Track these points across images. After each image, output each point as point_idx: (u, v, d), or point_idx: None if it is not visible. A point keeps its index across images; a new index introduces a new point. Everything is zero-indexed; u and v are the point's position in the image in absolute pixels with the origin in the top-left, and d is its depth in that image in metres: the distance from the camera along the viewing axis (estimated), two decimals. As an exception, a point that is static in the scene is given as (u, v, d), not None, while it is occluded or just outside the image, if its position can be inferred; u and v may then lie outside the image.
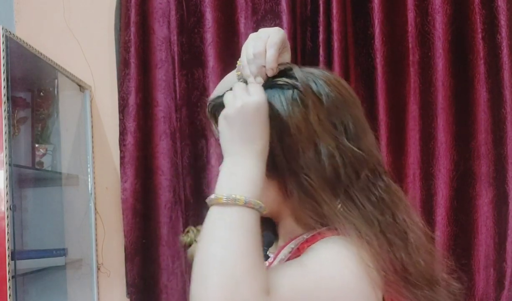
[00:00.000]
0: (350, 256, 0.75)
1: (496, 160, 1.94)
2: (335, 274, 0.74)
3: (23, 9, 2.24)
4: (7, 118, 1.59)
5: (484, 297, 1.93)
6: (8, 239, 1.54)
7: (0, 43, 1.58)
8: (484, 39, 1.94)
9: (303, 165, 0.80)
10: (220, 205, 0.73)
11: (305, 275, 0.74)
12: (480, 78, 1.95)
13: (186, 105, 2.05)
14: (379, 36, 1.96)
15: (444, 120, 1.94)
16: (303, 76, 0.83)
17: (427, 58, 1.98)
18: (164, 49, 2.12)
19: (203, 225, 0.74)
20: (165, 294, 2.09)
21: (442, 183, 1.95)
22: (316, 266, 0.75)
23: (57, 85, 2.09)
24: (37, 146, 2.04)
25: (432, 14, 1.97)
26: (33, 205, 2.07)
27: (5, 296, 1.51)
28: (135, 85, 2.08)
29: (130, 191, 2.06)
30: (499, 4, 1.91)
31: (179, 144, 2.06)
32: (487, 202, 1.95)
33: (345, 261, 0.75)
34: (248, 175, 0.76)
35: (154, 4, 2.12)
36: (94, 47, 2.21)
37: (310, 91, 0.82)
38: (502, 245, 1.92)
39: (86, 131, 2.17)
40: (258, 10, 2.04)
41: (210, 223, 0.73)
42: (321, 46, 1.96)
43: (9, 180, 1.57)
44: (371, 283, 0.75)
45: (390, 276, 0.76)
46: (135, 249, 2.06)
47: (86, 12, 2.23)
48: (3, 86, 1.58)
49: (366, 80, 1.99)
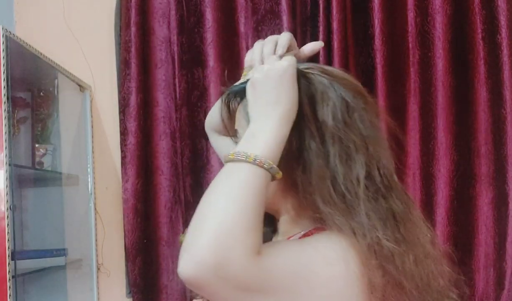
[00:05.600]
0: (346, 250, 0.74)
1: (496, 160, 1.94)
2: (328, 261, 0.74)
3: (23, 9, 2.24)
4: (7, 118, 1.59)
5: (484, 297, 1.93)
6: (8, 239, 1.54)
7: (0, 43, 1.58)
8: (484, 39, 1.94)
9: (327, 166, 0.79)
10: (231, 162, 0.74)
11: (299, 254, 0.74)
12: (480, 78, 1.95)
13: (186, 105, 2.05)
14: (379, 36, 1.96)
15: (444, 120, 1.95)
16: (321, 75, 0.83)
17: (427, 58, 1.98)
18: (164, 49, 2.12)
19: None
20: (165, 294, 2.09)
21: (442, 183, 1.95)
22: (312, 249, 0.75)
23: (57, 85, 2.09)
24: (37, 147, 2.04)
25: (432, 14, 1.97)
26: (33, 205, 2.07)
27: (5, 296, 1.51)
28: (136, 85, 2.08)
29: (131, 191, 2.06)
30: (499, 4, 1.91)
31: (179, 144, 2.06)
32: (487, 202, 1.95)
33: (341, 252, 0.74)
34: (267, 136, 0.75)
35: (154, 4, 2.12)
36: (94, 47, 2.21)
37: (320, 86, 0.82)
38: (502, 245, 1.92)
39: (86, 131, 2.17)
40: (258, 10, 2.04)
41: (218, 176, 0.74)
42: (321, 46, 1.96)
43: (9, 180, 1.57)
44: (361, 282, 0.74)
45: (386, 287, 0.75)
46: (136, 249, 2.06)
47: (86, 12, 2.23)
48: (3, 86, 1.58)
49: (366, 80, 1.98)
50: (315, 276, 0.73)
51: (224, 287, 0.68)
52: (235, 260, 0.67)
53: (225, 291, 0.69)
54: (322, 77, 0.82)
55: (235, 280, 0.68)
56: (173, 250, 2.09)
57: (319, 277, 0.73)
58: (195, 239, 0.69)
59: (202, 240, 0.68)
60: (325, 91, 0.81)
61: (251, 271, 0.69)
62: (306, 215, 0.83)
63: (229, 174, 0.74)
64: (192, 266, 0.68)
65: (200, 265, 0.67)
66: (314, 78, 0.82)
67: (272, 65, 0.79)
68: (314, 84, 0.81)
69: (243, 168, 0.73)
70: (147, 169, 2.10)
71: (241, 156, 0.73)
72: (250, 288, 0.70)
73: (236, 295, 0.70)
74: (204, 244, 0.68)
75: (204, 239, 0.68)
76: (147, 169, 2.10)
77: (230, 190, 0.72)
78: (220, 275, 0.67)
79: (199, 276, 0.68)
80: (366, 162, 0.79)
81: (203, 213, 0.72)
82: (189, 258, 0.68)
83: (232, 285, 0.68)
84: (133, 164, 2.07)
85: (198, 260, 0.67)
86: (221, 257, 0.67)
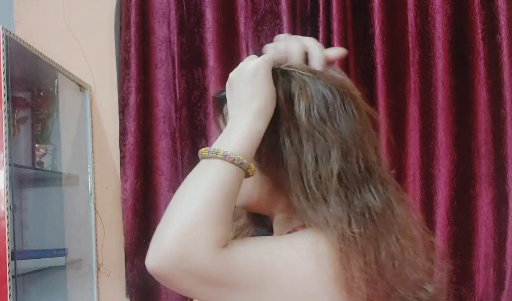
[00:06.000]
0: (321, 247, 0.73)
1: (496, 160, 1.94)
2: (300, 257, 0.73)
3: (23, 9, 2.24)
4: (7, 118, 1.59)
5: (484, 297, 1.93)
6: (8, 239, 1.54)
7: (0, 43, 1.58)
8: (484, 39, 1.94)
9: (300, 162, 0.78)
10: (204, 158, 0.75)
11: (271, 250, 0.74)
12: (480, 78, 1.95)
13: (186, 105, 2.05)
14: (379, 36, 1.96)
15: (444, 120, 1.94)
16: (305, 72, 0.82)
17: (427, 58, 1.98)
18: (164, 49, 2.12)
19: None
20: (164, 294, 2.09)
21: (442, 183, 1.95)
22: (287, 245, 0.74)
23: (57, 85, 2.09)
24: (37, 147, 2.04)
25: (432, 14, 1.97)
26: (33, 205, 2.07)
27: (5, 296, 1.51)
28: (136, 85, 2.08)
29: (130, 191, 2.06)
30: (499, 4, 1.91)
31: (179, 144, 2.06)
32: (487, 202, 1.95)
33: (313, 249, 0.73)
34: (239, 132, 0.75)
35: (154, 4, 2.12)
36: (94, 47, 2.21)
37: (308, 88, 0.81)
38: (502, 245, 1.92)
39: (86, 131, 2.17)
40: (258, 10, 2.04)
41: (191, 173, 0.75)
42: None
43: (9, 180, 1.57)
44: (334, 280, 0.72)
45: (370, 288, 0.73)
46: (135, 249, 2.06)
47: (86, 12, 2.23)
48: (3, 86, 1.58)
49: (366, 80, 1.98)
50: (284, 273, 0.72)
51: (189, 280, 0.69)
52: (197, 253, 0.68)
53: (191, 285, 0.70)
54: (303, 75, 0.81)
55: (198, 273, 0.69)
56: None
57: (289, 274, 0.72)
58: (161, 233, 0.70)
59: (167, 233, 0.69)
60: (303, 88, 0.80)
61: (213, 265, 0.69)
62: (297, 215, 0.81)
63: (200, 170, 0.74)
64: (157, 259, 0.69)
65: (164, 258, 0.68)
66: (294, 75, 0.81)
67: (245, 63, 0.79)
68: (292, 82, 0.81)
69: (214, 164, 0.73)
70: (146, 169, 2.10)
71: (212, 152, 0.74)
72: (214, 282, 0.70)
73: (202, 289, 0.70)
74: (169, 236, 0.69)
75: (169, 232, 0.69)
76: (146, 169, 2.10)
77: (198, 185, 0.72)
78: (183, 268, 0.68)
79: (163, 268, 0.69)
80: (341, 157, 0.77)
81: (171, 208, 0.73)
82: (154, 251, 0.69)
83: (196, 278, 0.69)
84: (132, 164, 2.07)
85: (162, 252, 0.68)
86: (184, 249, 0.68)
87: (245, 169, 0.74)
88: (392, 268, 0.75)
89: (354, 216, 0.75)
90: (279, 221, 0.87)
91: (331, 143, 0.77)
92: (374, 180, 0.79)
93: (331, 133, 0.78)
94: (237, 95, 0.78)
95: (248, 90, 0.77)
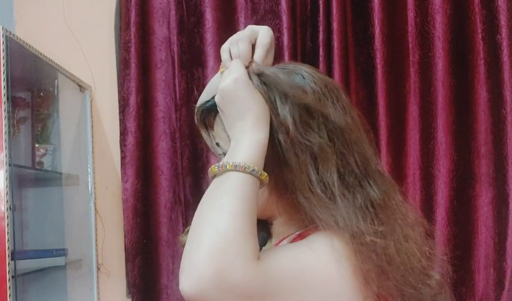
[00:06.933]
0: (337, 249, 0.75)
1: (496, 159, 1.94)
2: (323, 262, 0.74)
3: (23, 9, 2.24)
4: (7, 118, 1.59)
5: (484, 297, 1.93)
6: (8, 239, 1.54)
7: (0, 43, 1.59)
8: (484, 39, 1.94)
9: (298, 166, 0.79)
10: (216, 176, 0.75)
11: (297, 256, 0.74)
12: (480, 78, 1.95)
13: (186, 105, 2.05)
14: (379, 36, 1.96)
15: (444, 120, 1.94)
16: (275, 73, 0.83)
17: (427, 58, 1.98)
18: (164, 49, 2.12)
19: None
20: (165, 294, 2.09)
21: (442, 183, 1.95)
22: (308, 250, 0.75)
23: (57, 85, 2.09)
24: (37, 147, 2.04)
25: (432, 14, 1.97)
26: (33, 205, 2.07)
27: (5, 296, 1.51)
28: (136, 85, 2.08)
29: (131, 191, 2.06)
30: (499, 4, 1.91)
31: (179, 144, 2.06)
32: (487, 202, 1.95)
33: (332, 252, 0.75)
34: (244, 143, 0.76)
35: (154, 4, 2.12)
36: (94, 47, 2.21)
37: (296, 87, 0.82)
38: (502, 245, 1.92)
39: (86, 131, 2.17)
40: (258, 10, 2.04)
41: (207, 192, 0.75)
42: (321, 46, 1.96)
43: (9, 180, 1.57)
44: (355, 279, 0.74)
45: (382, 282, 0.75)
46: (136, 249, 2.07)
47: (86, 12, 2.23)
48: (3, 86, 1.58)
49: (366, 80, 1.99)
50: (313, 277, 0.73)
51: (228, 298, 0.68)
52: (235, 269, 0.67)
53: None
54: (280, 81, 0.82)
55: (237, 289, 0.68)
56: (173, 250, 2.09)
57: (317, 278, 0.74)
58: (192, 255, 0.69)
59: (199, 253, 0.68)
60: (282, 97, 0.80)
61: (252, 278, 0.69)
62: (298, 216, 0.83)
63: (215, 188, 0.75)
64: (192, 281, 0.67)
65: (200, 279, 0.67)
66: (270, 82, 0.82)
67: (223, 83, 0.79)
68: (272, 90, 0.81)
69: (227, 177, 0.74)
70: (146, 169, 2.10)
71: (221, 167, 0.74)
72: (252, 295, 0.70)
73: None
74: (201, 257, 0.68)
75: (201, 252, 0.68)
76: (146, 169, 2.10)
77: (219, 200, 0.72)
78: (221, 286, 0.67)
79: (201, 290, 0.67)
80: (336, 159, 0.79)
81: (197, 229, 0.72)
82: (189, 273, 0.68)
83: (235, 295, 0.68)
84: (133, 164, 2.07)
85: (197, 273, 0.67)
86: (221, 267, 0.67)
87: (258, 175, 0.75)
88: (399, 257, 0.77)
89: (360, 212, 0.77)
90: (279, 223, 0.88)
91: (322, 148, 0.79)
92: (372, 173, 0.81)
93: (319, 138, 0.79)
94: (229, 116, 0.79)
95: (237, 107, 0.78)
